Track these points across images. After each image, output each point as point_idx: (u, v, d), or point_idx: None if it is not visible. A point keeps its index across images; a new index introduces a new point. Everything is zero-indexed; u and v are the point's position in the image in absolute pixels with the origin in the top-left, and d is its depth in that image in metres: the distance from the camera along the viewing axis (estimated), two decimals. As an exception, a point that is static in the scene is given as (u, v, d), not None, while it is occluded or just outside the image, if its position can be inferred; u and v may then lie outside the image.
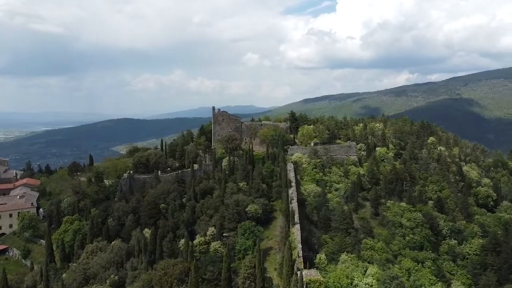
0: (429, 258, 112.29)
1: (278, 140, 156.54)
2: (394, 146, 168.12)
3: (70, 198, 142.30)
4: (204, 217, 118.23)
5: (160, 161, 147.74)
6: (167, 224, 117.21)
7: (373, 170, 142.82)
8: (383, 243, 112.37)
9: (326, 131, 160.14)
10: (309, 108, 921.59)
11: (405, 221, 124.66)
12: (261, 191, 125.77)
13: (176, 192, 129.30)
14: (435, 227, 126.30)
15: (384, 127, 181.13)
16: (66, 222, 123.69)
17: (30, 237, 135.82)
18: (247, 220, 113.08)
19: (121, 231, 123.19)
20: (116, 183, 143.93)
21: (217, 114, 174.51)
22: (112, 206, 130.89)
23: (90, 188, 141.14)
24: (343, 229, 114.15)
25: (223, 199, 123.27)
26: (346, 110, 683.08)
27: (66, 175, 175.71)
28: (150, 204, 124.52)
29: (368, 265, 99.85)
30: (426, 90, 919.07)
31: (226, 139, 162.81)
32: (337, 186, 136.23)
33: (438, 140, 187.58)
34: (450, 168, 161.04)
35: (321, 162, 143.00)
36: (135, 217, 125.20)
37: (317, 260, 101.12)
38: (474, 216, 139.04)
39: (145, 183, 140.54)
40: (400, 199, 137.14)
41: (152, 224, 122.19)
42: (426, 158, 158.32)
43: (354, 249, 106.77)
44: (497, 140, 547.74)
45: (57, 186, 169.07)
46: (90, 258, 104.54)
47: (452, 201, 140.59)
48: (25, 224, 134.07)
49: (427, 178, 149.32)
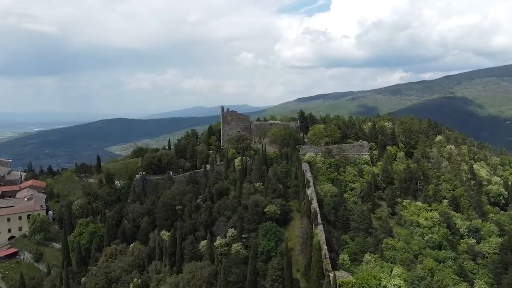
0: (450, 258, 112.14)
1: (290, 140, 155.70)
2: (404, 145, 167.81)
3: (81, 200, 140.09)
4: (222, 218, 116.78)
5: (172, 161, 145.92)
6: (185, 226, 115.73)
7: (388, 169, 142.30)
8: (404, 243, 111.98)
9: (338, 131, 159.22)
10: (303, 107, 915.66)
11: (422, 220, 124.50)
12: (278, 191, 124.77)
13: (191, 193, 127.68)
14: (452, 226, 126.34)
15: (393, 125, 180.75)
16: (81, 225, 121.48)
17: (41, 240, 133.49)
18: (266, 221, 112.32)
19: (137, 233, 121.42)
20: (128, 184, 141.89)
21: (226, 114, 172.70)
22: (126, 207, 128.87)
23: (102, 189, 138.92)
24: (363, 229, 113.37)
25: (240, 200, 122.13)
26: (340, 109, 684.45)
27: (73, 177, 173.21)
28: (166, 205, 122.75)
29: (393, 266, 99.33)
30: (420, 89, 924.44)
31: (237, 139, 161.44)
32: (352, 185, 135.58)
33: (445, 138, 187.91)
34: (461, 166, 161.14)
35: (336, 161, 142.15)
36: (150, 219, 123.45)
37: (341, 261, 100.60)
38: (489, 214, 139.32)
39: (158, 184, 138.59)
40: (415, 198, 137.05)
41: (169, 226, 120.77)
42: (438, 157, 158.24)
43: (377, 250, 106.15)
44: (491, 137, 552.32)
45: (64, 187, 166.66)
46: (110, 261, 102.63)
47: (466, 199, 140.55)
48: (36, 227, 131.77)
49: (440, 177, 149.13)
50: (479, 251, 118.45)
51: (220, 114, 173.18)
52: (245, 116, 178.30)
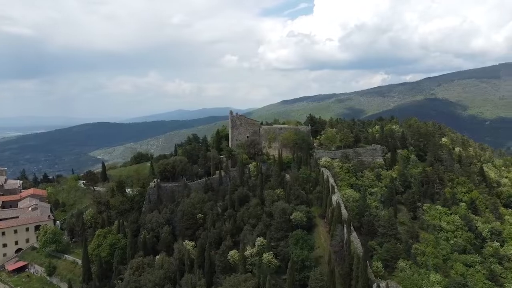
0: (477, 262, 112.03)
1: (302, 144, 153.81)
2: (413, 147, 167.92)
3: (92, 210, 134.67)
4: (247, 227, 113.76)
5: (186, 168, 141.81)
6: (209, 235, 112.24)
7: (405, 173, 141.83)
8: (432, 248, 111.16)
9: (351, 134, 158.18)
10: (288, 109, 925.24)
11: (445, 224, 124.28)
12: (301, 197, 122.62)
13: (212, 201, 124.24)
14: (473, 230, 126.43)
15: (400, 128, 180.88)
16: (99, 236, 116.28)
17: (53, 252, 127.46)
18: (292, 228, 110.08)
19: (158, 244, 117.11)
20: (141, 192, 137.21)
21: (235, 118, 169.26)
22: (143, 217, 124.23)
23: (115, 198, 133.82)
24: (391, 235, 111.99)
25: (263, 208, 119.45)
26: (325, 111, 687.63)
27: (77, 185, 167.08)
28: (187, 214, 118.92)
29: (428, 272, 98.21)
30: (402, 91, 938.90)
31: (248, 144, 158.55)
32: (372, 190, 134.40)
33: (450, 140, 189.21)
34: (471, 168, 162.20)
35: (354, 166, 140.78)
36: (170, 228, 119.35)
37: (374, 268, 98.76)
38: (504, 216, 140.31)
39: (173, 192, 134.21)
40: (433, 202, 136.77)
41: (190, 235, 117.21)
42: (449, 160, 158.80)
43: (408, 256, 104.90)
44: (473, 138, 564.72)
45: (69, 196, 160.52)
46: (137, 275, 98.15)
47: (481, 202, 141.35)
48: (48, 239, 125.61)
49: (454, 180, 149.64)
50: (505, 254, 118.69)
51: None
52: (254, 121, 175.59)
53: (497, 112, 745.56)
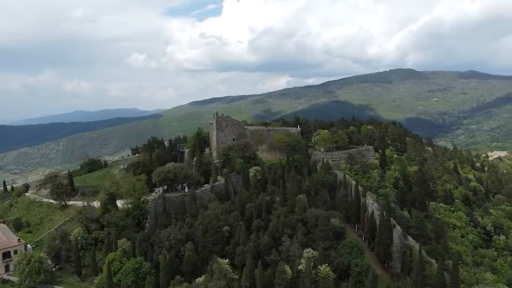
0: (494, 256, 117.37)
1: (297, 147, 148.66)
2: (393, 148, 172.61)
3: (80, 229, 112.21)
4: (285, 238, 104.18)
5: (189, 175, 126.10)
6: (245, 250, 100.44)
7: (405, 173, 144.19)
8: (463, 246, 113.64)
9: (345, 136, 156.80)
10: (199, 110, 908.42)
11: (456, 221, 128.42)
12: (328, 203, 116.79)
13: (236, 211, 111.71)
14: (476, 225, 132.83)
15: (374, 129, 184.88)
16: (113, 261, 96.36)
17: (38, 286, 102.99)
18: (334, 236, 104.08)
19: (181, 264, 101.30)
20: (137, 204, 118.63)
21: (220, 120, 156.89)
22: (157, 234, 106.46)
23: (113, 213, 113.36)
24: (424, 235, 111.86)
25: (294, 215, 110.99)
26: (237, 113, 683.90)
27: (36, 199, 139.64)
28: (213, 227, 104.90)
29: (480, 271, 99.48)
30: (307, 93, 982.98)
31: (242, 146, 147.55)
32: (382, 191, 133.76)
33: (413, 141, 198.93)
34: (448, 166, 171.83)
35: (361, 167, 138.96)
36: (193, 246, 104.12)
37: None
38: (488, 209, 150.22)
39: (180, 203, 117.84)
40: (432, 199, 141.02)
41: (218, 252, 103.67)
42: (432, 158, 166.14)
43: (451, 256, 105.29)
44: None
45: (31, 214, 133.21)
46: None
47: (471, 198, 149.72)
48: (33, 268, 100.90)
49: (441, 177, 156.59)
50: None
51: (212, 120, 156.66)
52: (239, 122, 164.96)
53: (391, 114, 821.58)
